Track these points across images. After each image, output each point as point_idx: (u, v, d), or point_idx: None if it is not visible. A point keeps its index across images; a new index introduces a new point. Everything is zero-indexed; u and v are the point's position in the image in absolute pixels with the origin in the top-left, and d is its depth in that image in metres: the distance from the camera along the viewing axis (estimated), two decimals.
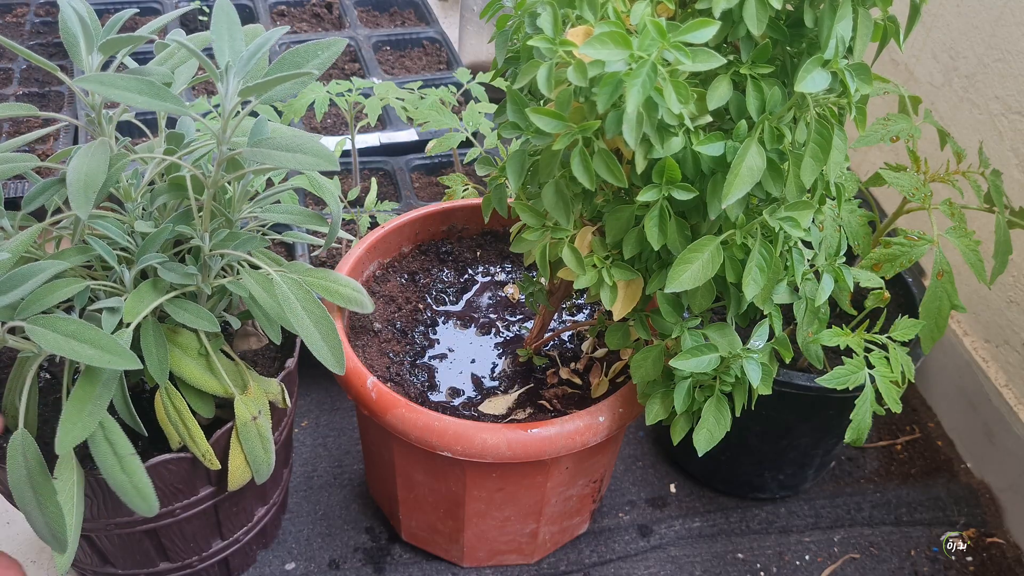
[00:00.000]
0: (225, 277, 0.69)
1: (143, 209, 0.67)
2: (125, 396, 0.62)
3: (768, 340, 0.67)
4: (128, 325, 0.61)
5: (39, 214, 0.67)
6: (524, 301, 0.89)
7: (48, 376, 0.75)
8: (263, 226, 0.75)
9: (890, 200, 1.19)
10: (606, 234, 0.64)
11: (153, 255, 0.64)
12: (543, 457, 0.70)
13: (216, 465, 0.67)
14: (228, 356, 0.71)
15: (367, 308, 0.72)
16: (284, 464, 0.85)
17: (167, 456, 0.66)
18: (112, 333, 0.60)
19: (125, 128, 1.18)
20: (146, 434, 0.66)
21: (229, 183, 0.66)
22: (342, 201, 1.09)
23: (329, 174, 1.12)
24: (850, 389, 0.72)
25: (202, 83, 1.41)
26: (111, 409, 0.63)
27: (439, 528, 0.84)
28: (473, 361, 0.83)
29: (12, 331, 0.61)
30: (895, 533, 0.97)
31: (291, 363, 0.75)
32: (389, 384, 0.77)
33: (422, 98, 1.06)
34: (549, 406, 0.78)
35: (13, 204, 1.06)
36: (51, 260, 0.59)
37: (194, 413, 0.67)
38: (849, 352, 0.73)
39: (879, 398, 0.72)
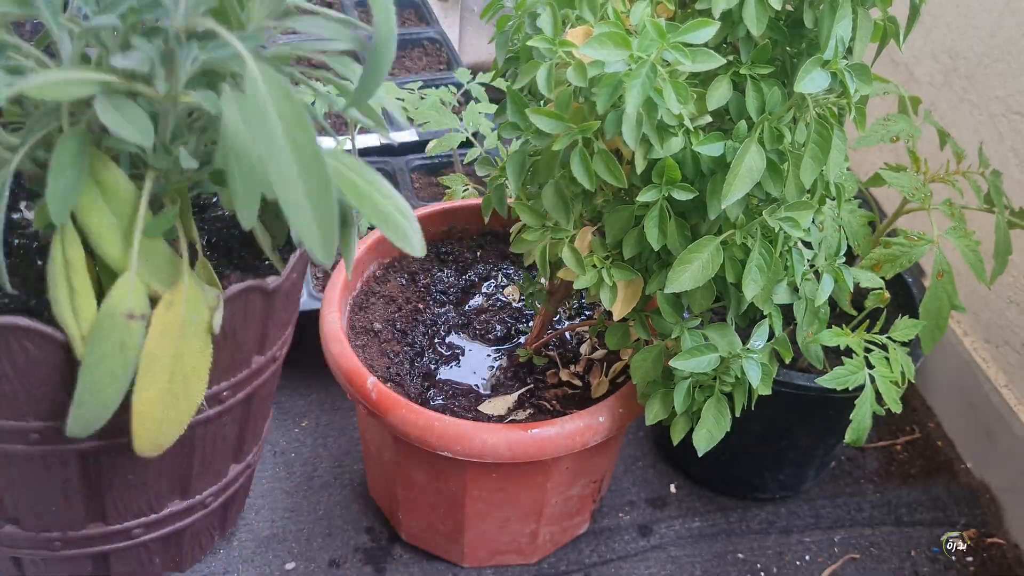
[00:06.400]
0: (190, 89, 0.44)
1: None
2: None
3: (768, 340, 0.67)
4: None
5: None
6: (524, 302, 0.89)
7: None
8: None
9: (890, 200, 1.19)
10: (606, 234, 0.64)
11: (109, 18, 0.40)
12: (543, 457, 0.70)
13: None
14: (180, 244, 0.48)
15: (415, 248, 0.44)
16: (254, 438, 0.64)
17: (22, 322, 0.41)
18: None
19: None
20: (9, 289, 0.44)
21: None
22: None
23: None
24: (850, 389, 0.72)
25: None
26: None
27: (439, 528, 0.84)
28: (473, 362, 0.83)
29: None
30: (895, 533, 0.97)
31: (274, 281, 0.50)
32: (389, 384, 0.77)
33: (422, 98, 1.06)
34: (549, 406, 0.78)
35: None
36: None
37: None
38: (849, 352, 0.73)
39: (879, 398, 0.72)
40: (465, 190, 0.99)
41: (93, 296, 0.43)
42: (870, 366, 0.73)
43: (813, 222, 0.69)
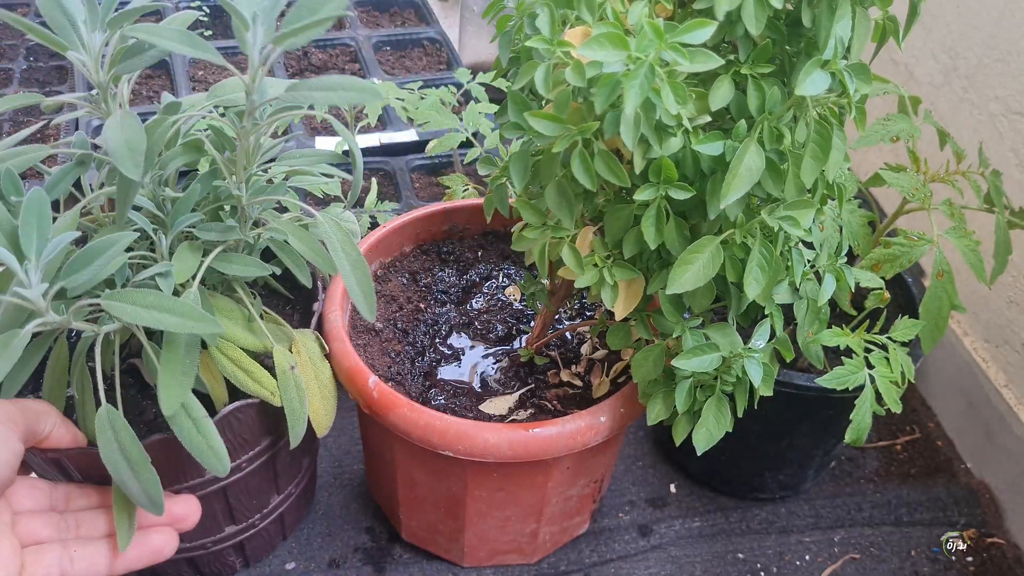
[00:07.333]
0: (255, 228, 0.70)
1: (158, 180, 0.67)
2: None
3: (769, 340, 0.67)
4: (184, 287, 0.63)
5: (54, 206, 0.67)
6: (525, 302, 0.89)
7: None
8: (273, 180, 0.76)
9: (890, 200, 1.19)
10: (606, 234, 0.64)
11: (189, 216, 0.65)
12: (544, 457, 0.70)
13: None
14: (263, 316, 0.72)
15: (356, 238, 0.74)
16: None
17: (238, 404, 0.67)
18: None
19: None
20: (207, 391, 0.69)
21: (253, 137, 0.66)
22: (341, 201, 1.09)
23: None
24: (850, 389, 0.72)
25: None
26: None
27: (440, 528, 0.84)
28: (474, 361, 0.83)
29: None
30: (895, 533, 0.97)
31: (318, 307, 0.77)
32: (390, 383, 0.77)
33: (422, 98, 1.06)
34: (550, 406, 0.78)
35: None
36: (117, 233, 0.58)
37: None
38: (849, 352, 0.73)
39: (879, 398, 0.72)
40: (465, 190, 0.99)
41: (265, 371, 0.68)
42: (870, 366, 0.73)
43: (814, 222, 0.69)
